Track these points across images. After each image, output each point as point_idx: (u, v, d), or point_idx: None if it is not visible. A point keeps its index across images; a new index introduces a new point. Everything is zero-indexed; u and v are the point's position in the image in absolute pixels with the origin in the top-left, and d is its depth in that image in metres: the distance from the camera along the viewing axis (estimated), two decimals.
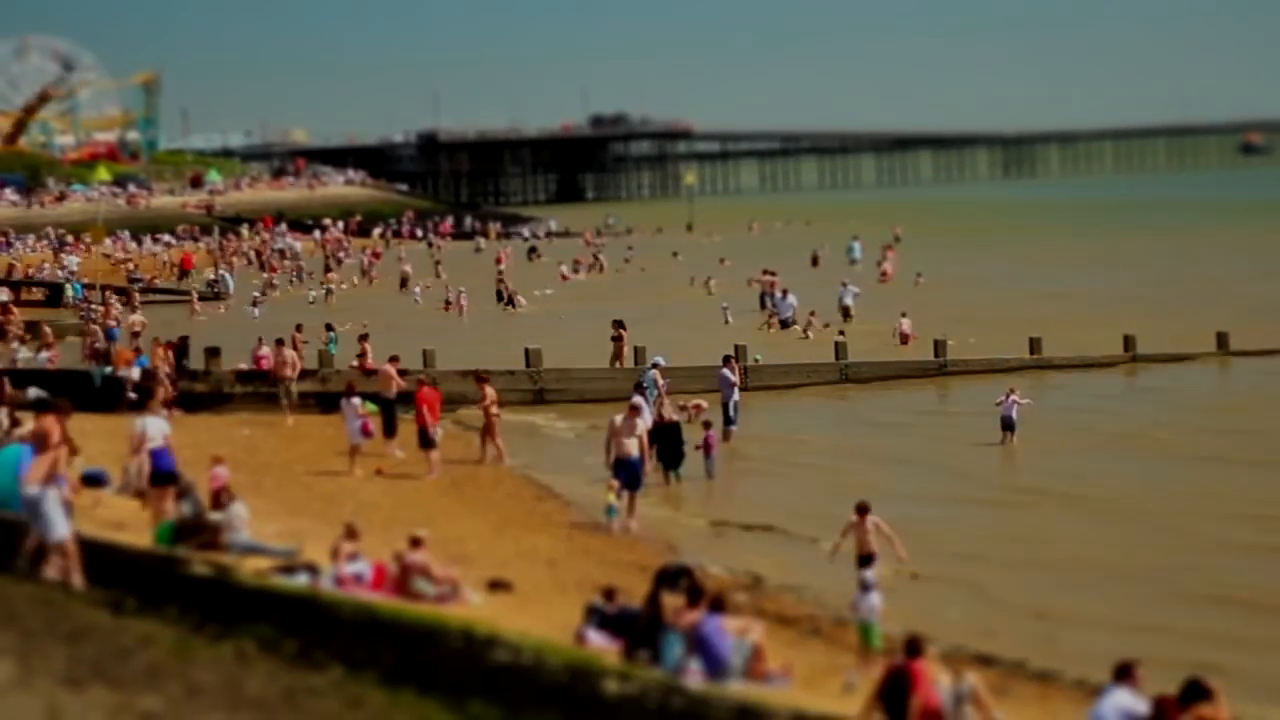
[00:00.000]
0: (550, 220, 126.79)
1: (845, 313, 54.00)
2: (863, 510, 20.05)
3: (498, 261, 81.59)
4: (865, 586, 17.32)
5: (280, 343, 36.25)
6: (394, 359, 32.48)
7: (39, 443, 15.29)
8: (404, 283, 72.02)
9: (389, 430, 30.22)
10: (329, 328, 45.48)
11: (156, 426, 21.31)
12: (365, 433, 28.15)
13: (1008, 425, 31.08)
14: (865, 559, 19.56)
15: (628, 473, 24.39)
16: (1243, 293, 58.87)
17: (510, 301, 62.29)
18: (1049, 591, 20.36)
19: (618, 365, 39.48)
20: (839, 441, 32.85)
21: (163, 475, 20.59)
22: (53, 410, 15.57)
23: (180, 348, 37.72)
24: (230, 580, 15.53)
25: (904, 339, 46.45)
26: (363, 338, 39.43)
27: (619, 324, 41.22)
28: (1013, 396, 31.29)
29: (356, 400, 28.39)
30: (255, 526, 20.52)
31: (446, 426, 30.08)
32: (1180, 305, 55.27)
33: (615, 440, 24.72)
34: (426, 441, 28.07)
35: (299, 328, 43.68)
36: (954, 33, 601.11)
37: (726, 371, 32.55)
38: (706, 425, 29.44)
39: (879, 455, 30.86)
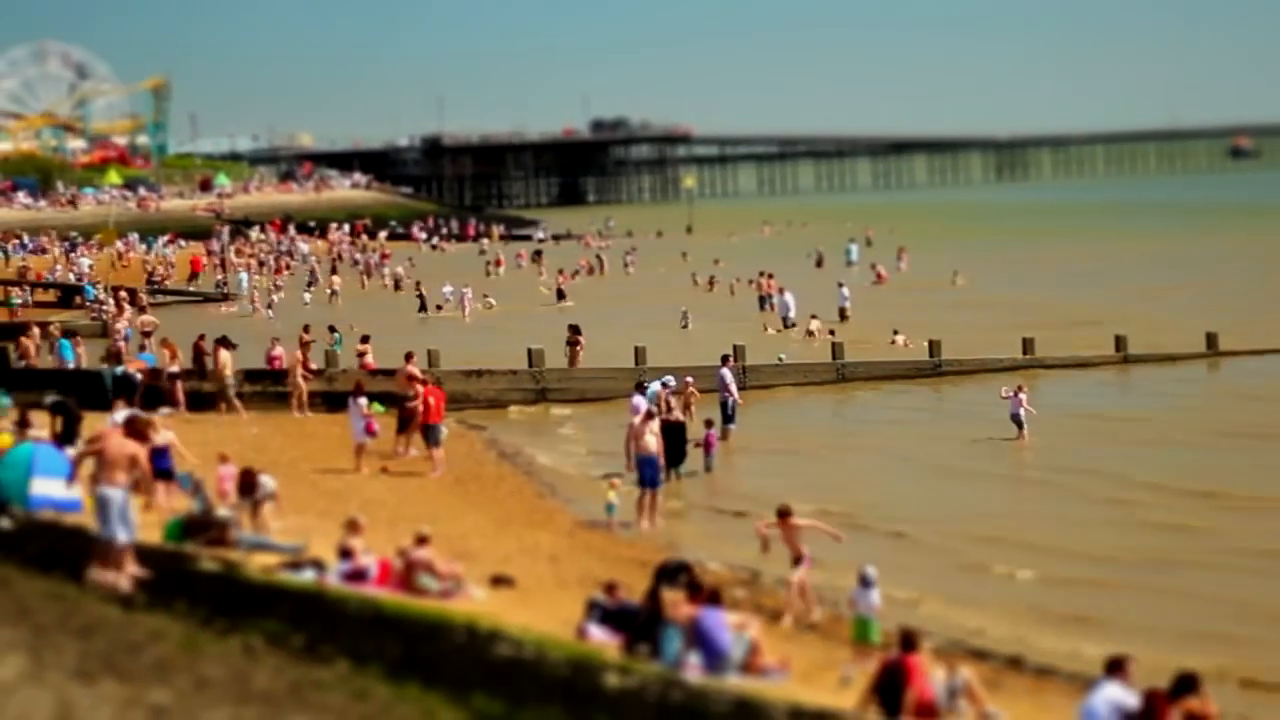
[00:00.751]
0: (542, 224, 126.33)
1: (841, 314, 54.08)
2: (783, 514, 19.30)
3: (496, 264, 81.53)
4: (866, 582, 17.27)
5: (222, 343, 35.53)
6: (410, 356, 32.32)
7: (98, 453, 15.33)
8: (397, 284, 72.55)
9: (404, 428, 30.06)
10: (332, 329, 45.47)
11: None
12: (369, 432, 28.11)
13: (1016, 421, 31.09)
14: (797, 560, 18.90)
15: (649, 471, 24.45)
16: (1232, 294, 58.91)
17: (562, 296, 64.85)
18: None
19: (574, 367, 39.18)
20: (832, 439, 32.96)
21: (160, 473, 21.48)
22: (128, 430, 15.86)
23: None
24: (238, 576, 15.55)
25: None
26: (364, 339, 39.49)
27: (575, 329, 40.93)
28: (1021, 395, 31.29)
29: (363, 400, 28.37)
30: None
31: (450, 425, 30.05)
32: (1171, 306, 55.28)
33: (635, 440, 24.91)
34: (432, 439, 28.08)
35: (306, 328, 43.74)
36: (948, 39, 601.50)
37: (725, 371, 32.55)
38: (708, 424, 29.43)
39: (867, 452, 30.97)
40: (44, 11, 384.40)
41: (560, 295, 65.28)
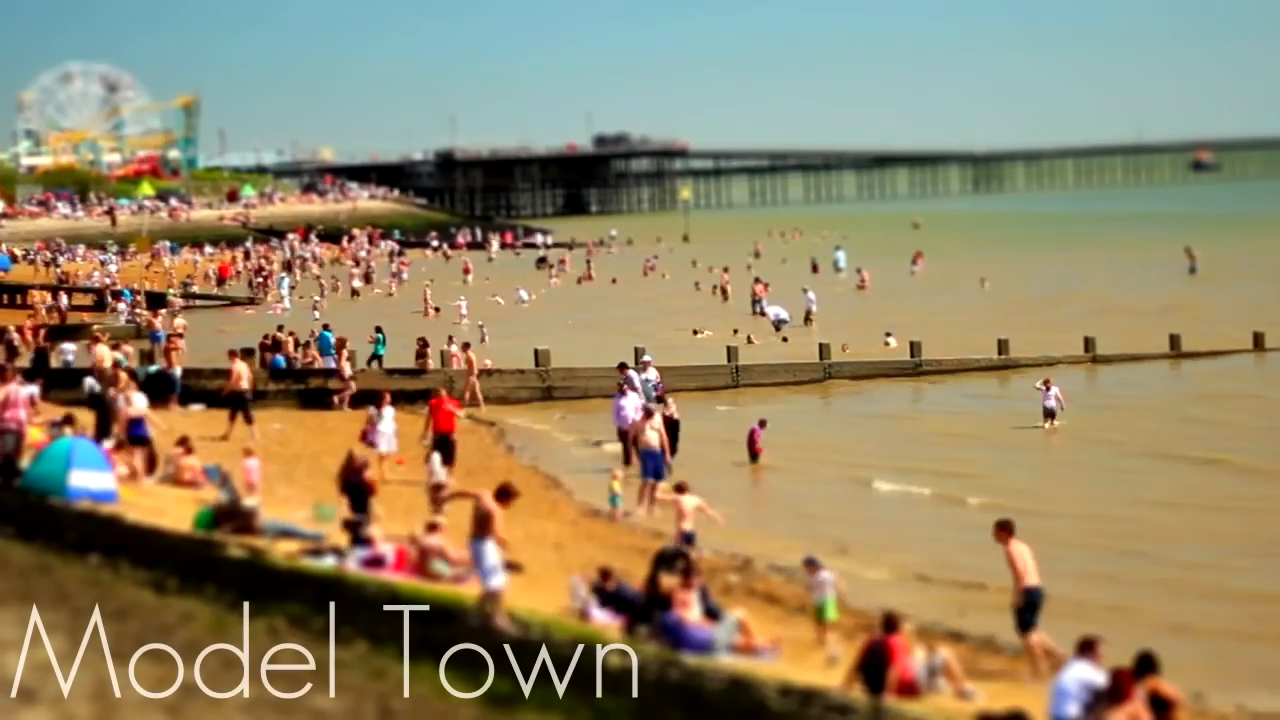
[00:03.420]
0: (538, 233, 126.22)
1: (807, 317, 53.93)
2: (680, 489, 20.57)
3: (465, 271, 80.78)
4: (812, 564, 16.84)
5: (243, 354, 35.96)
6: (236, 353, 32.06)
7: (483, 519, 15.78)
8: (355, 293, 72.01)
9: (246, 419, 29.98)
10: (378, 330, 44.11)
11: (138, 399, 24.33)
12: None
13: (1049, 413, 31.72)
14: (686, 537, 19.66)
15: (651, 463, 24.51)
16: (1194, 298, 58.87)
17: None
18: None
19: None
20: (820, 434, 32.99)
21: (136, 439, 23.33)
22: (502, 498, 16.34)
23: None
24: (263, 562, 15.54)
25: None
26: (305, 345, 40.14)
27: (423, 341, 40.27)
28: (1052, 389, 31.88)
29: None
30: (286, 512, 20.55)
31: (461, 420, 29.94)
32: (1136, 309, 55.20)
33: (636, 436, 25.03)
34: (443, 447, 27.31)
35: (326, 328, 43.70)
36: (928, 58, 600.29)
37: (632, 374, 31.62)
38: (762, 423, 28.95)
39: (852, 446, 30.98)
40: (79, 33, 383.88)
41: (724, 295, 64.59)
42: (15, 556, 11.94)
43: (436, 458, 22.88)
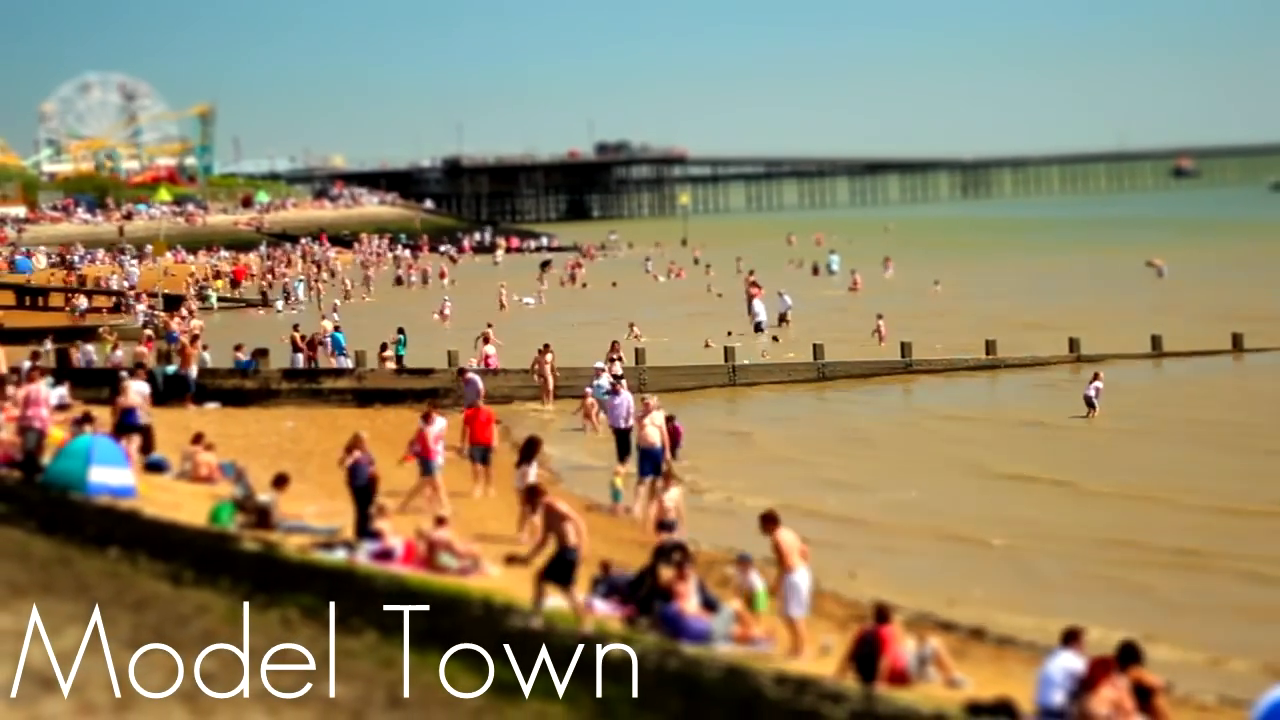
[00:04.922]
0: (543, 236, 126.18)
1: (782, 318, 53.73)
2: (667, 479, 20.73)
3: (441, 275, 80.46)
4: (744, 561, 16.93)
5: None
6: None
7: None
8: (346, 295, 71.25)
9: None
10: (400, 331, 43.38)
11: (138, 389, 24.85)
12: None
13: (1090, 404, 32.51)
14: (664, 524, 19.54)
15: (650, 461, 24.22)
16: (1175, 299, 58.84)
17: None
18: None
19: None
20: (812, 430, 33.00)
21: (127, 426, 23.85)
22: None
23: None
24: (276, 555, 15.54)
25: (880, 337, 46.29)
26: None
27: (385, 346, 40.19)
28: (1095, 383, 32.78)
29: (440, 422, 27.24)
30: (298, 507, 20.54)
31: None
32: (1120, 311, 55.14)
33: (638, 432, 24.85)
34: (481, 457, 26.89)
35: (338, 329, 43.61)
36: (919, 69, 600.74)
37: (474, 377, 31.20)
38: (670, 417, 28.90)
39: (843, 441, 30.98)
40: (98, 44, 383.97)
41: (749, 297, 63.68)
42: (37, 549, 11.95)
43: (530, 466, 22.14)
